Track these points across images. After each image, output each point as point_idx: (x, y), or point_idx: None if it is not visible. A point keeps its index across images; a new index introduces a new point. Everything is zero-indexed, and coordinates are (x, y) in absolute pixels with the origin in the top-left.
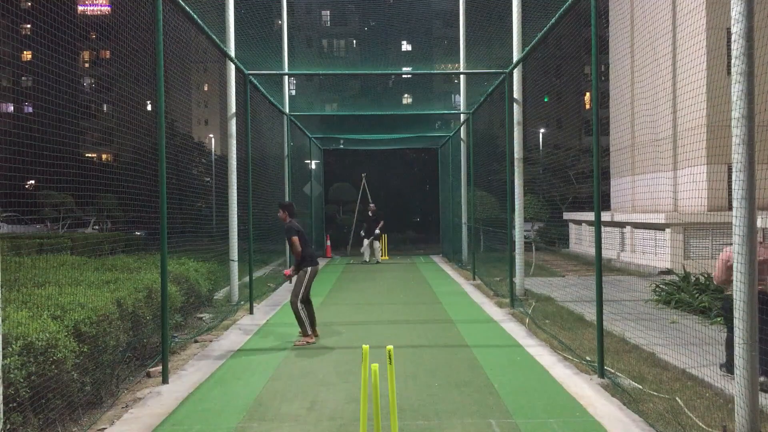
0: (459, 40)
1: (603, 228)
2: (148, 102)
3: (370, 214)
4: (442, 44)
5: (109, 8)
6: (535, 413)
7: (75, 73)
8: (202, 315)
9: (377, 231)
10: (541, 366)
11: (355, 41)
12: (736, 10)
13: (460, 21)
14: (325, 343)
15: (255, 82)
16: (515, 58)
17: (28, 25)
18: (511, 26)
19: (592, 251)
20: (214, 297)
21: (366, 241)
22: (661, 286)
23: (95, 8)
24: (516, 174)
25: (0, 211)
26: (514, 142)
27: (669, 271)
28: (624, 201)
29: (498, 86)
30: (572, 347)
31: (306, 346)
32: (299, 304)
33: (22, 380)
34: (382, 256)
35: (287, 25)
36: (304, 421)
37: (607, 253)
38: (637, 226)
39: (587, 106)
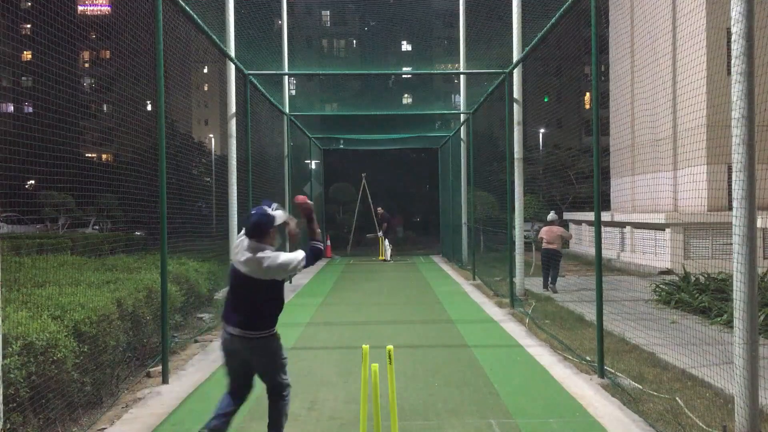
0: (459, 40)
1: (603, 228)
2: (148, 102)
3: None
4: (442, 44)
5: (109, 8)
6: (535, 413)
7: (75, 72)
8: (202, 315)
9: (380, 233)
10: (541, 366)
11: (355, 41)
12: (736, 10)
13: (460, 21)
14: (325, 343)
15: (255, 82)
16: (515, 58)
17: (29, 25)
18: (511, 26)
19: (592, 251)
20: (215, 297)
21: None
22: (661, 286)
23: (95, 8)
24: (516, 174)
25: None
26: (514, 142)
27: (669, 271)
28: (624, 201)
29: (498, 86)
30: (572, 347)
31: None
32: None
33: (22, 380)
34: (380, 256)
35: (287, 25)
36: (304, 421)
37: (607, 253)
38: (637, 226)
39: (587, 106)
